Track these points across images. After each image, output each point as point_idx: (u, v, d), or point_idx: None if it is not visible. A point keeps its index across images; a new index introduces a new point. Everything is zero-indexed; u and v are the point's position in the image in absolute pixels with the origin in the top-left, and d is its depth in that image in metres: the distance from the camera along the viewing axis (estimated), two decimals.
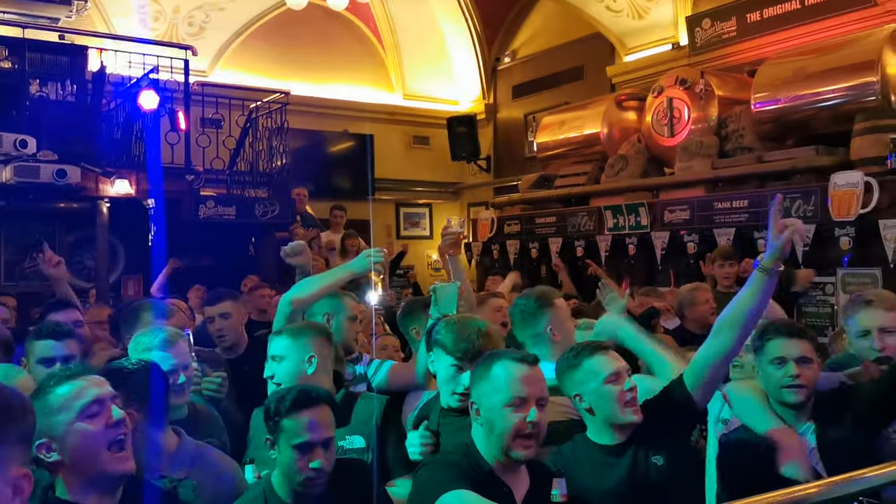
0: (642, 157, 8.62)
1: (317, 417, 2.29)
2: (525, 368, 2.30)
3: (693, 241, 7.37)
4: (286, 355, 2.83)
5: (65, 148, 8.12)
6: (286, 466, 2.28)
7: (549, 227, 9.11)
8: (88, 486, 1.94)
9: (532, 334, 3.13)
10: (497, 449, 2.27)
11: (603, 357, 2.59)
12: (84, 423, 1.94)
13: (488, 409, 2.28)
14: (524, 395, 2.25)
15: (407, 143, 13.48)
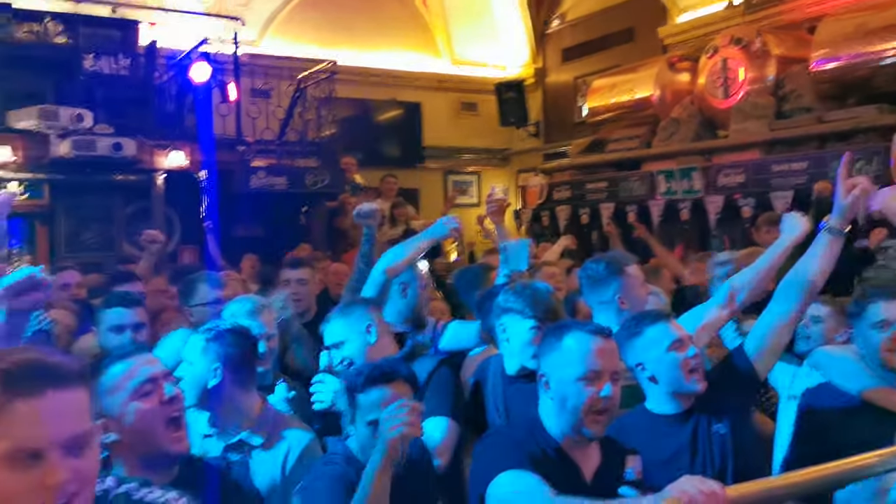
0: (695, 120, 8.44)
1: (393, 394, 2.22)
2: (599, 340, 2.16)
3: (748, 204, 7.22)
4: (346, 336, 2.81)
5: (120, 121, 8.26)
6: (362, 444, 2.23)
7: (601, 193, 9.01)
8: (146, 465, 1.94)
9: (599, 301, 3.07)
10: (567, 424, 2.15)
11: (665, 324, 2.56)
12: (138, 402, 1.95)
13: (559, 382, 2.15)
14: (598, 369, 2.12)
15: (455, 109, 13.39)
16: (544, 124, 13.21)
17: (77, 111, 7.64)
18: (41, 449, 1.24)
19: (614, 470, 2.12)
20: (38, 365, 1.28)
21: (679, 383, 2.48)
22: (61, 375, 1.29)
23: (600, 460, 2.20)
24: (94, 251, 8.25)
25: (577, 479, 2.14)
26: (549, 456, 2.13)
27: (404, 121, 12.61)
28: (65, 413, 1.27)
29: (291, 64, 10.01)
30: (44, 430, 1.24)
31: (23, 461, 1.23)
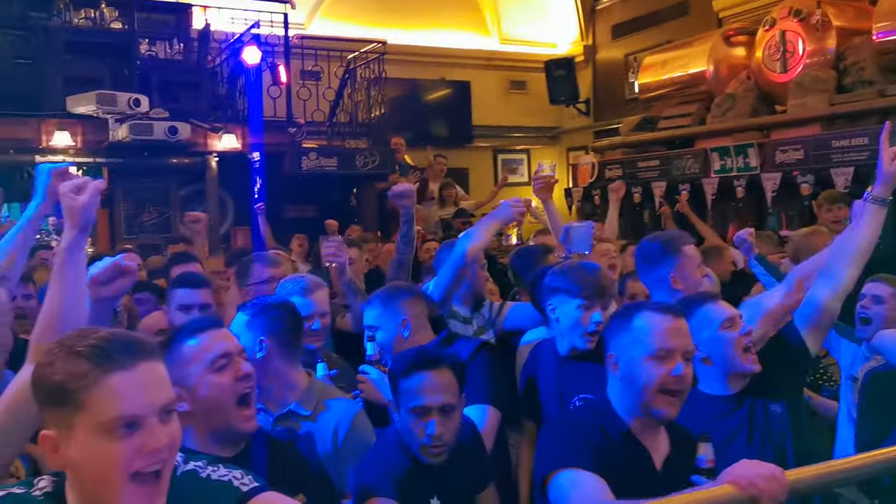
0: (752, 95, 8.23)
1: (436, 380, 2.17)
2: (670, 319, 2.10)
3: (807, 182, 7.03)
4: (381, 325, 2.84)
5: (174, 105, 8.42)
6: (406, 431, 2.20)
7: (653, 171, 8.87)
8: (215, 438, 1.98)
9: (653, 279, 3.05)
10: (636, 406, 2.09)
11: (714, 304, 2.52)
12: (214, 375, 1.97)
13: (628, 362, 2.10)
14: (669, 348, 2.06)
15: (504, 88, 13.29)
16: (594, 102, 13.04)
17: (134, 96, 7.81)
18: (141, 416, 1.33)
19: (685, 457, 2.06)
20: (126, 340, 1.37)
21: (734, 363, 2.44)
22: (147, 349, 1.38)
23: (670, 447, 2.15)
24: (152, 233, 8.45)
25: (647, 465, 2.09)
26: (617, 442, 2.08)
27: (453, 100, 12.58)
28: (156, 383, 1.37)
29: (341, 45, 10.05)
30: (142, 399, 1.33)
31: (122, 430, 1.31)
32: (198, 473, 1.50)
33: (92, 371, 1.31)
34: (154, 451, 1.34)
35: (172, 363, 1.91)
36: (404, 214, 3.96)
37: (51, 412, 1.35)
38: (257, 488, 1.51)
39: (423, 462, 2.18)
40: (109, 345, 1.34)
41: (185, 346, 1.99)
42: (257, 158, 8.76)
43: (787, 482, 1.77)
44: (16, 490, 1.38)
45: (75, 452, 1.33)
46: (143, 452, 1.33)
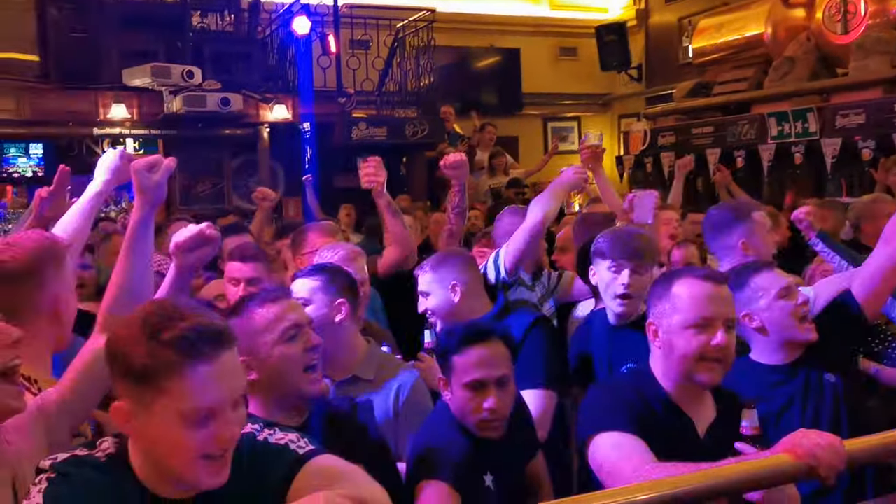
0: (811, 58, 7.98)
1: (489, 353, 2.13)
2: (711, 287, 2.06)
3: (868, 147, 6.82)
4: (431, 289, 2.84)
5: (225, 77, 8.52)
6: (461, 408, 2.15)
7: (707, 138, 8.69)
8: (280, 405, 2.00)
9: (722, 245, 3.01)
10: (677, 373, 2.07)
11: (771, 272, 2.48)
12: (284, 346, 1.98)
13: (668, 330, 2.07)
14: (710, 316, 2.03)
15: (554, 55, 13.10)
16: (646, 67, 12.78)
17: (187, 68, 7.92)
18: (219, 408, 1.37)
19: (730, 424, 2.02)
20: (210, 329, 1.38)
21: (791, 332, 2.41)
22: (228, 338, 1.41)
23: (715, 414, 2.12)
24: (207, 203, 8.60)
25: (690, 432, 2.07)
26: (658, 410, 2.06)
27: (503, 67, 12.44)
28: (234, 373, 1.41)
29: (390, 14, 10.00)
30: (221, 391, 1.37)
31: (199, 419, 1.36)
32: (255, 437, 1.53)
33: (177, 362, 1.34)
34: (229, 440, 1.39)
35: (242, 332, 1.92)
36: (456, 185, 3.96)
37: (127, 387, 1.38)
38: (314, 451, 1.54)
39: (477, 438, 2.15)
40: (195, 335, 1.35)
41: (257, 316, 2.00)
42: (308, 129, 8.84)
43: (844, 452, 1.75)
44: (79, 452, 1.43)
45: (149, 428, 1.38)
46: (215, 440, 1.37)
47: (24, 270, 1.94)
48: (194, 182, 8.77)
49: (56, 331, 2.02)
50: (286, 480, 1.48)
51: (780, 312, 2.40)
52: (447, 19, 10.84)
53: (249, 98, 8.41)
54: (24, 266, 1.94)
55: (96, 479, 1.39)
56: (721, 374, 2.07)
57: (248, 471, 1.46)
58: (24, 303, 1.92)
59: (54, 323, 2.00)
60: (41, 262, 1.97)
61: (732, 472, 1.77)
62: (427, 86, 10.08)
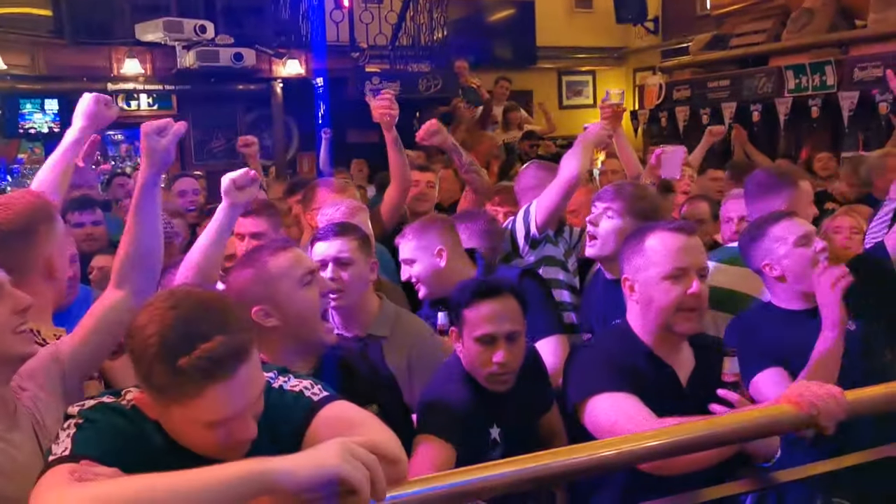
0: (830, 9, 7.84)
1: (500, 308, 2.16)
2: (682, 238, 2.13)
3: (886, 100, 6.74)
4: (416, 256, 2.86)
5: (238, 31, 8.47)
6: (471, 361, 2.19)
7: (723, 91, 8.60)
8: (296, 351, 2.03)
9: (762, 209, 2.92)
10: (656, 325, 2.13)
11: (788, 221, 2.50)
12: (303, 290, 2.01)
13: (644, 283, 2.13)
14: (684, 266, 2.10)
15: (568, 7, 12.90)
16: (663, 19, 12.56)
17: (200, 22, 7.88)
18: (238, 416, 1.42)
19: (710, 372, 2.09)
20: (231, 347, 1.38)
21: (809, 280, 2.40)
22: (247, 349, 1.42)
23: (694, 363, 2.18)
24: (220, 159, 8.64)
25: (673, 382, 2.13)
26: (641, 364, 2.12)
27: (517, 20, 12.28)
28: (253, 381, 1.44)
29: None
30: (240, 402, 1.41)
31: (218, 424, 1.41)
32: (270, 384, 1.56)
33: (195, 385, 1.36)
34: (244, 440, 1.44)
35: (258, 282, 2.00)
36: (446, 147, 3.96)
37: (146, 389, 1.42)
38: (328, 397, 1.57)
39: (484, 391, 2.19)
40: (214, 359, 1.36)
41: (271, 265, 2.02)
42: (321, 84, 8.80)
43: (846, 402, 1.79)
44: (106, 399, 1.48)
45: (170, 420, 1.44)
46: (233, 440, 1.43)
47: (18, 229, 2.00)
48: (208, 138, 8.79)
49: (51, 286, 2.09)
50: (302, 427, 1.52)
51: (798, 260, 2.42)
52: None
53: (262, 53, 8.38)
54: (18, 226, 2.00)
55: (122, 426, 1.44)
56: (699, 321, 2.14)
57: (264, 419, 1.50)
58: (20, 261, 1.97)
59: (49, 279, 2.07)
60: (34, 221, 2.04)
61: (736, 421, 1.82)
62: (440, 40, 9.98)
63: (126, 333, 1.46)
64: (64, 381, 1.82)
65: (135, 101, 8.79)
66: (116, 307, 1.92)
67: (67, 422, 1.44)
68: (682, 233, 2.15)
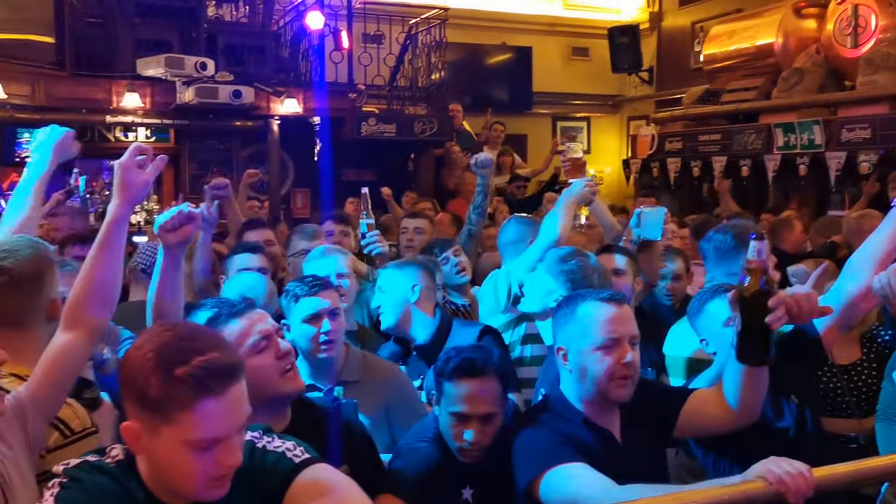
0: (820, 71, 8.02)
1: (479, 389, 2.17)
2: (613, 308, 2.15)
3: (868, 161, 6.87)
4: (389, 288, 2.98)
5: (238, 68, 8.58)
6: (444, 429, 2.23)
7: (714, 145, 8.74)
8: (261, 409, 1.97)
9: (726, 272, 2.92)
10: (590, 394, 2.15)
11: (724, 300, 2.45)
12: (255, 358, 1.98)
13: (578, 353, 2.14)
14: (616, 336, 2.11)
15: (566, 54, 13.12)
16: (658, 71, 12.79)
17: (200, 59, 7.98)
18: (225, 437, 1.45)
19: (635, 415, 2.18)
20: (224, 365, 1.45)
21: None
22: (238, 370, 1.48)
23: (620, 419, 2.22)
24: None
25: (612, 445, 2.17)
26: (581, 432, 2.13)
27: (514, 66, 12.46)
28: (241, 403, 1.48)
29: (403, 10, 10.05)
30: (229, 422, 1.45)
31: (207, 447, 1.44)
32: (253, 444, 1.59)
33: (189, 397, 1.40)
34: (231, 465, 1.46)
35: None
36: (480, 184, 4.05)
37: (138, 411, 1.45)
38: (309, 460, 1.60)
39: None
40: (207, 372, 1.41)
41: (226, 331, 2.00)
42: (318, 122, 8.90)
43: (814, 480, 1.83)
44: (90, 458, 1.51)
45: (157, 449, 1.45)
46: (221, 465, 1.45)
47: (29, 274, 1.98)
48: (204, 172, 8.85)
49: (51, 330, 2.07)
50: (281, 488, 1.55)
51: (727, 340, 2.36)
52: (460, 16, 10.87)
53: (261, 91, 8.48)
54: (28, 270, 1.98)
55: (106, 484, 1.46)
56: (632, 389, 2.15)
57: (246, 478, 1.53)
58: (30, 305, 1.97)
59: (51, 323, 2.03)
60: (42, 266, 2.01)
61: (706, 497, 1.85)
62: (437, 82, 10.12)
63: (120, 365, 1.49)
64: (26, 430, 1.75)
65: (133, 134, 8.86)
66: (73, 347, 1.84)
67: (52, 481, 1.46)
68: (612, 302, 2.16)
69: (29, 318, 1.96)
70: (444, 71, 10.15)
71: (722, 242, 3.00)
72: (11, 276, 1.94)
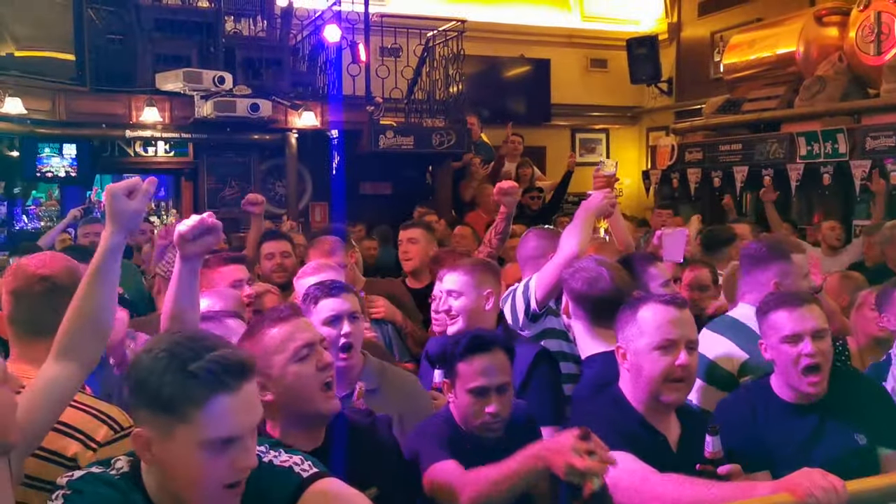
0: (843, 78, 7.90)
1: (492, 362, 2.28)
2: (674, 310, 2.23)
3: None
4: (464, 291, 2.90)
5: (257, 82, 8.61)
6: (463, 412, 2.30)
7: (735, 155, 8.64)
8: (297, 425, 2.01)
9: (755, 281, 2.92)
10: (645, 393, 2.22)
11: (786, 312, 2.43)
12: (297, 365, 1.98)
13: (635, 353, 2.23)
14: (673, 338, 2.19)
15: (584, 66, 13.08)
16: (677, 82, 12.70)
17: (218, 73, 8.01)
18: (237, 437, 1.42)
19: (695, 440, 2.17)
20: (237, 361, 1.44)
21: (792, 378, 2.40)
22: (251, 368, 1.46)
23: (681, 430, 2.26)
24: (233, 206, 8.68)
25: (665, 448, 2.20)
26: (636, 430, 2.19)
27: (532, 78, 12.45)
28: (255, 403, 1.46)
29: (420, 23, 10.05)
30: (244, 421, 1.43)
31: (221, 447, 1.41)
32: (261, 458, 1.55)
33: (202, 393, 1.39)
34: (245, 468, 1.43)
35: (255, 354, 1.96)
36: (505, 210, 4.02)
37: (150, 415, 1.42)
38: (317, 474, 1.57)
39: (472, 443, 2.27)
40: (221, 366, 1.40)
41: (267, 337, 2.00)
42: (336, 135, 8.90)
43: (846, 493, 1.75)
44: (94, 470, 1.48)
45: (169, 456, 1.42)
46: (235, 468, 1.42)
47: (65, 284, 1.98)
48: (222, 186, 8.88)
49: None
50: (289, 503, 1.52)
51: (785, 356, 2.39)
52: (478, 28, 10.86)
53: (278, 104, 8.50)
54: (65, 280, 2.00)
55: (109, 497, 1.43)
56: (686, 393, 2.24)
57: (253, 493, 1.49)
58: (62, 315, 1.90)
59: None
60: (75, 279, 1.97)
61: None
62: (455, 95, 10.10)
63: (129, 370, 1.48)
64: (10, 463, 1.67)
65: (152, 148, 8.92)
66: (62, 381, 1.76)
67: (55, 493, 1.44)
68: (673, 305, 2.24)
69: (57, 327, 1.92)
70: (461, 83, 10.13)
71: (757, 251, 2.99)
72: (60, 281, 1.98)
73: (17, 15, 7.84)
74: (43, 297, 1.99)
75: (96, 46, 8.24)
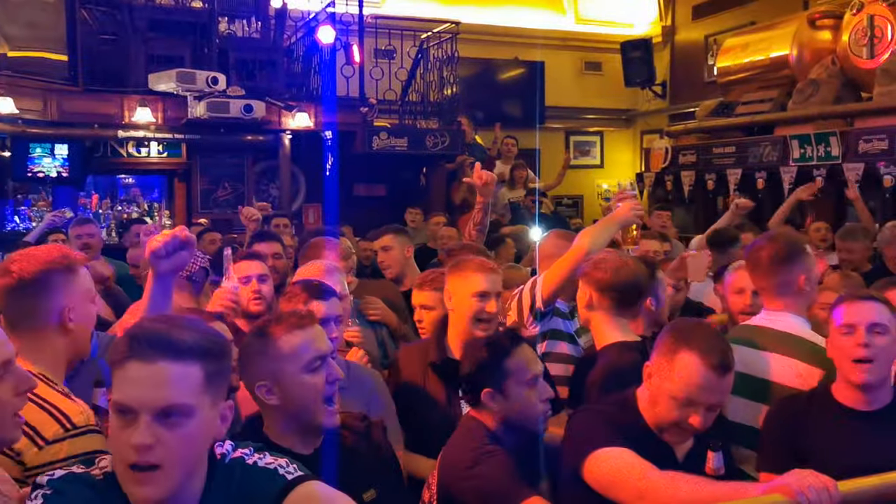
0: (836, 82, 7.92)
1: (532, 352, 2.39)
2: (714, 377, 2.07)
3: (891, 173, 6.76)
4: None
5: (250, 83, 8.59)
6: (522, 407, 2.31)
7: (728, 158, 8.65)
8: (295, 431, 2.00)
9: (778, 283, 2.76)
10: (656, 419, 2.18)
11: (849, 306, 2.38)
12: (308, 375, 1.97)
13: (659, 387, 2.14)
14: (698, 401, 2.09)
15: (578, 69, 13.11)
16: (671, 84, 12.74)
17: (212, 74, 7.98)
18: (133, 409, 1.38)
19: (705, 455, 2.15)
20: (159, 336, 1.41)
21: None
22: (177, 349, 1.41)
23: (693, 444, 2.22)
24: (226, 207, 8.67)
25: (669, 456, 2.16)
26: (639, 434, 2.15)
27: (526, 80, 12.46)
28: (167, 384, 1.39)
29: (414, 25, 10.05)
30: (140, 393, 1.38)
31: (122, 415, 1.39)
32: (244, 461, 1.54)
33: (123, 355, 1.40)
34: (140, 446, 1.36)
35: (267, 357, 1.96)
36: (482, 202, 4.00)
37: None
38: (302, 477, 1.54)
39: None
40: (143, 336, 1.41)
41: (282, 342, 1.98)
42: (329, 137, 8.89)
43: (839, 494, 1.74)
44: (76, 469, 1.46)
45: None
46: (129, 445, 1.37)
47: (32, 278, 1.97)
48: (215, 187, 8.84)
49: (66, 339, 2.02)
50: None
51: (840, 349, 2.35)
52: (472, 30, 10.87)
53: (272, 105, 8.48)
54: (33, 275, 1.98)
55: (89, 497, 1.41)
56: (689, 437, 2.18)
57: (237, 495, 1.48)
58: (32, 309, 1.97)
59: (62, 332, 2.00)
60: (50, 272, 1.99)
61: None
62: (449, 97, 10.10)
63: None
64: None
65: (145, 148, 8.88)
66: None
67: (35, 492, 1.42)
68: (715, 372, 2.08)
69: (33, 322, 1.97)
70: (455, 85, 10.13)
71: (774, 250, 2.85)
72: (12, 280, 1.97)
73: (10, 15, 7.81)
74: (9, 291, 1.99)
75: (89, 46, 8.22)
